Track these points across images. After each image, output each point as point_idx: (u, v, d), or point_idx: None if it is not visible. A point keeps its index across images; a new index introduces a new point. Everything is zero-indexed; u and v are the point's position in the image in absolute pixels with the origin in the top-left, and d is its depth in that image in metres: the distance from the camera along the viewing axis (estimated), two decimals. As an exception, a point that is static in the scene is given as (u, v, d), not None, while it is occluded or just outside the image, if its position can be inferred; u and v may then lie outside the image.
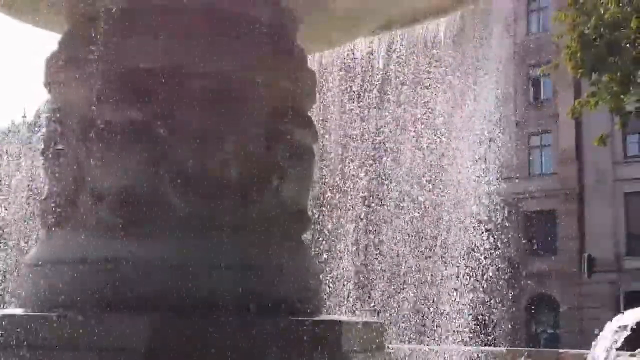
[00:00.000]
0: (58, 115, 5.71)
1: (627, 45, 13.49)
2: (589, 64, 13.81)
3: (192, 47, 5.38)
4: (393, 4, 6.48)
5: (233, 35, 5.49)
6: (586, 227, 36.60)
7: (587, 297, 34.48)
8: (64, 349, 4.93)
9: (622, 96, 13.98)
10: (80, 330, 4.88)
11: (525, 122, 38.62)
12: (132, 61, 5.38)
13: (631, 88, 13.80)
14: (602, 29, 13.65)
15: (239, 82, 5.53)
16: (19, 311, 5.54)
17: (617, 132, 25.11)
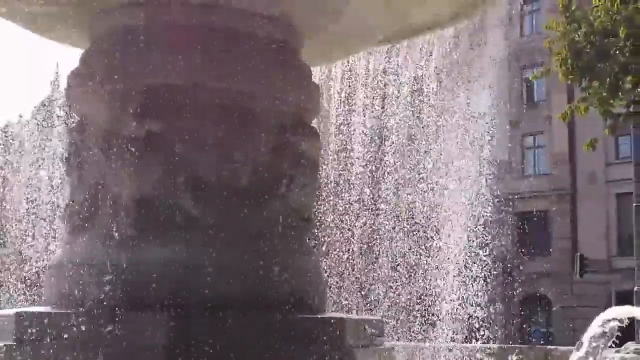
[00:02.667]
0: (80, 126, 6.12)
1: (616, 52, 13.91)
2: (580, 71, 14.24)
3: (206, 64, 5.79)
4: (393, 23, 6.87)
5: (244, 53, 5.89)
6: (579, 228, 37.08)
7: (580, 296, 34.95)
8: (86, 344, 5.33)
9: (611, 101, 14.41)
10: (102, 328, 5.29)
11: (520, 123, 39.05)
12: (150, 77, 5.78)
13: (620, 94, 14.24)
14: (592, 37, 14.08)
15: (250, 97, 5.95)
16: (44, 309, 5.92)
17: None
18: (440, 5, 6.96)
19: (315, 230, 6.64)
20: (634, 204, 20.66)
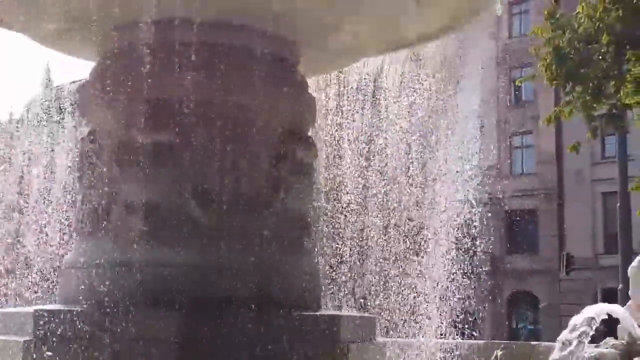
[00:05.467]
0: (92, 136, 6.53)
1: (599, 58, 14.38)
2: (564, 76, 14.71)
3: (210, 80, 6.20)
4: (387, 37, 7.27)
5: (246, 68, 6.31)
6: (565, 226, 37.59)
7: (566, 293, 35.47)
8: (98, 339, 5.73)
9: (594, 105, 14.89)
10: (116, 325, 5.69)
11: (507, 122, 39.53)
12: (158, 91, 6.18)
13: (602, 99, 14.73)
14: (575, 43, 14.55)
15: (251, 110, 6.37)
16: (61, 306, 6.31)
17: (595, 135, 26.03)
18: (434, 19, 7.32)
19: (312, 233, 7.04)
20: (619, 203, 21.12)
